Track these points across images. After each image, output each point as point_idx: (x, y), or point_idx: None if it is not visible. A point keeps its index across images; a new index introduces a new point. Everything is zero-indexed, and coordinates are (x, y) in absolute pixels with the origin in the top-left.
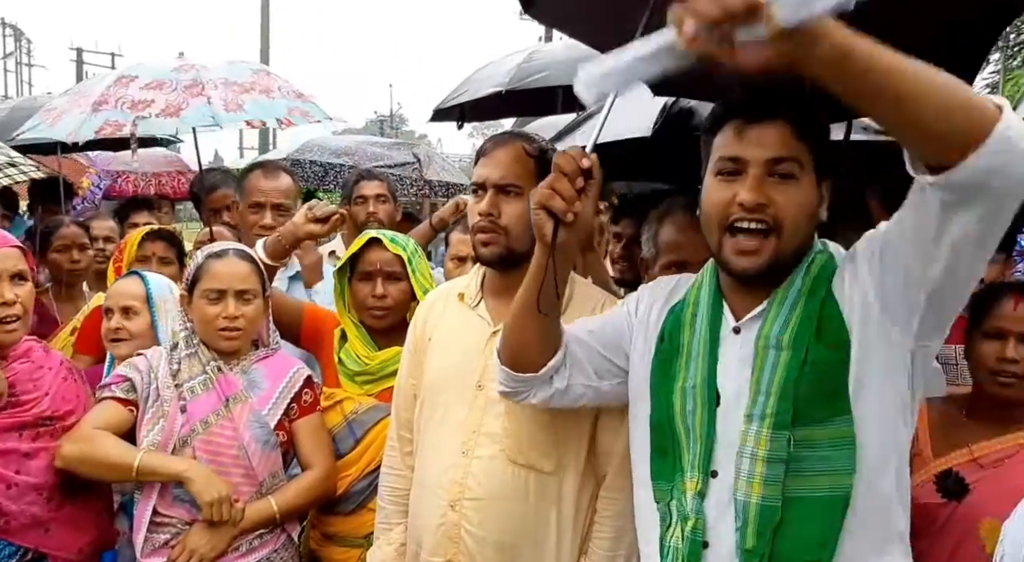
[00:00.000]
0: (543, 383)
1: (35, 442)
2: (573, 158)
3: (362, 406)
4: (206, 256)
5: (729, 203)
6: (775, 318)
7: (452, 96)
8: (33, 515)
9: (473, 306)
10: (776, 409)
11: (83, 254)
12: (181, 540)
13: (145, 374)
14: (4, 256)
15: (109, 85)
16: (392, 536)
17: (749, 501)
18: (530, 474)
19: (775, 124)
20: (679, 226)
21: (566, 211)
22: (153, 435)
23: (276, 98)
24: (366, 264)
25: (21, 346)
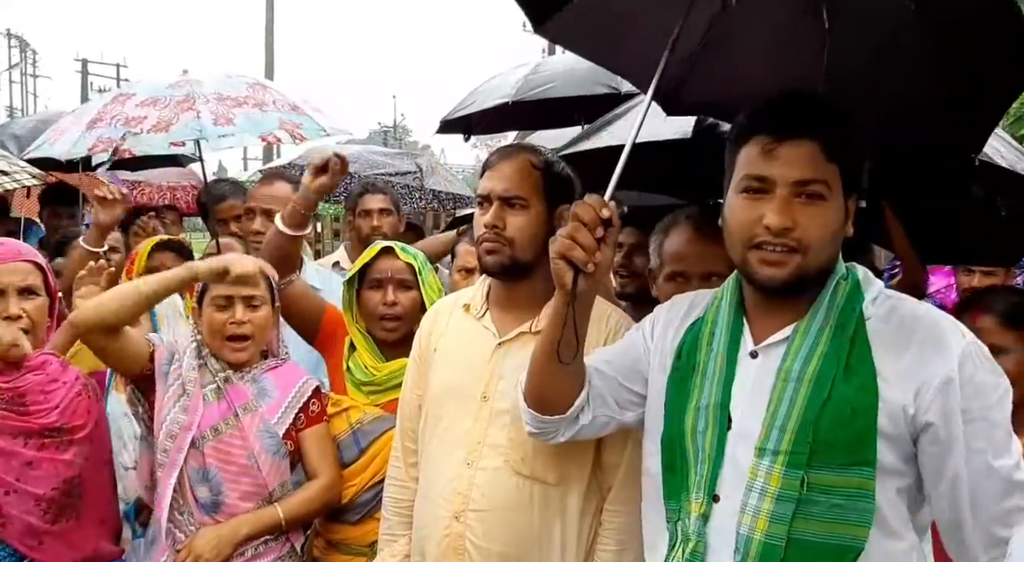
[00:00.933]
0: (570, 422)
1: (39, 452)
2: (593, 207)
3: (368, 416)
4: None
5: (755, 223)
6: (797, 350)
7: (458, 108)
8: (28, 525)
9: (478, 317)
10: (792, 447)
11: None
12: (186, 543)
13: (169, 350)
14: (11, 270)
15: (107, 103)
16: (396, 547)
17: (752, 537)
18: (534, 486)
19: (804, 143)
20: (684, 238)
21: (586, 262)
22: (171, 421)
23: (268, 112)
24: (377, 272)
25: (37, 358)
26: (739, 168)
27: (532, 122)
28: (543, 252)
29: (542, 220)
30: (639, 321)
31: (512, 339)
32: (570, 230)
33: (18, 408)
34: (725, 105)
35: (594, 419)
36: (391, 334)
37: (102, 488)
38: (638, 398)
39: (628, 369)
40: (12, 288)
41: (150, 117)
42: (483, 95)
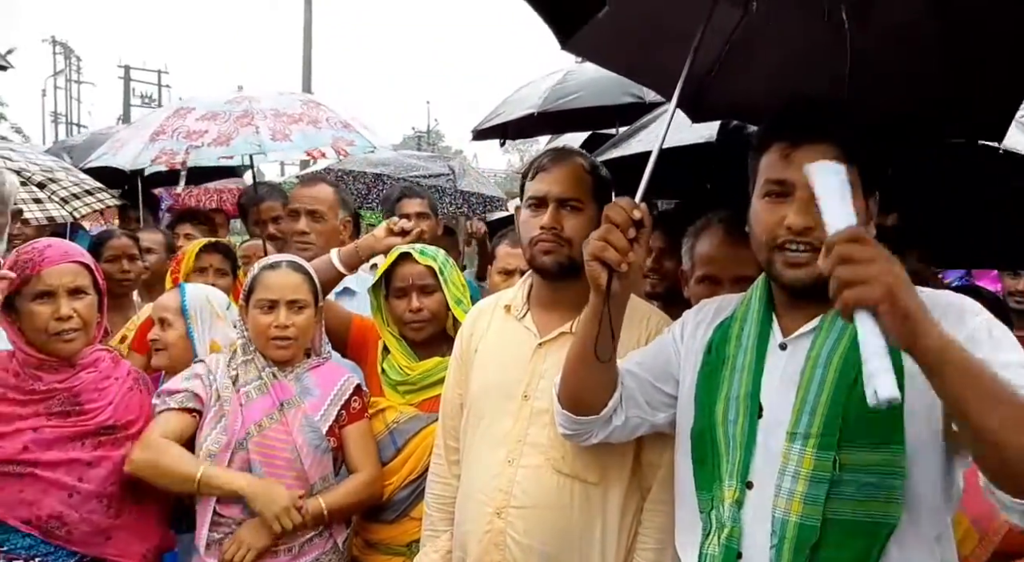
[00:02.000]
0: (604, 423)
1: (97, 451)
2: (624, 209)
3: (403, 415)
4: (261, 267)
5: (777, 225)
6: (826, 338)
7: (490, 117)
8: (95, 523)
9: (519, 317)
10: (822, 429)
11: (132, 264)
12: (234, 536)
13: (205, 377)
14: (61, 272)
15: (168, 116)
16: (439, 543)
17: (788, 519)
18: (575, 484)
19: (821, 146)
20: (715, 241)
21: (620, 262)
22: (216, 434)
23: (323, 128)
24: (399, 279)
25: (90, 356)
26: (760, 174)
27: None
28: None
29: (594, 222)
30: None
31: (553, 339)
32: (602, 232)
33: (73, 408)
34: (750, 108)
35: (627, 420)
36: (419, 333)
37: None
38: (669, 399)
39: (660, 370)
40: (63, 289)
41: (211, 131)
42: (513, 105)
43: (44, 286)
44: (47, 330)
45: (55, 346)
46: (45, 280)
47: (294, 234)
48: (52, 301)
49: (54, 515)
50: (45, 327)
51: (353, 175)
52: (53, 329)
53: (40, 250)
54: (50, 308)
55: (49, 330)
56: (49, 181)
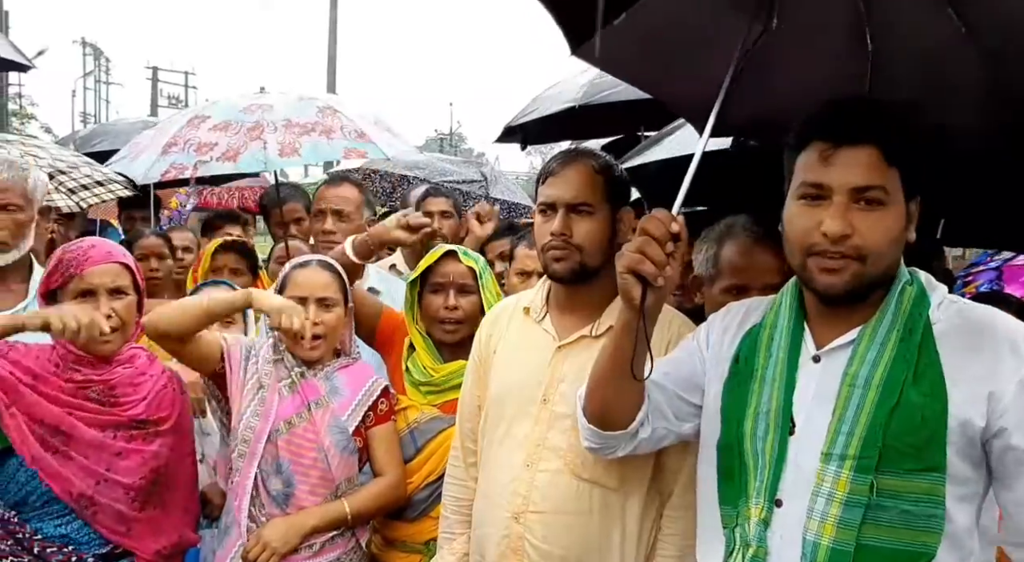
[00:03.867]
0: (630, 437)
1: (128, 443)
2: (662, 222)
3: (424, 416)
4: (292, 266)
5: (812, 230)
6: (864, 355)
7: (522, 114)
8: (118, 512)
9: (538, 320)
10: (860, 452)
11: (162, 264)
12: (256, 533)
13: (247, 348)
14: (102, 272)
15: (183, 125)
16: (455, 546)
17: (819, 542)
18: (594, 489)
19: (863, 148)
20: (743, 249)
21: (656, 276)
22: (250, 414)
23: (335, 139)
24: (439, 276)
25: (126, 353)
26: (797, 174)
27: (590, 131)
28: (608, 256)
29: (607, 224)
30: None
31: (572, 342)
32: (640, 244)
33: (108, 400)
34: (764, 126)
35: (653, 432)
36: (451, 336)
37: (185, 478)
38: (695, 409)
39: (685, 380)
40: (103, 289)
41: (220, 144)
42: (547, 101)
43: (86, 285)
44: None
45: (93, 346)
46: (87, 279)
47: (320, 233)
48: (93, 300)
49: (85, 495)
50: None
51: (380, 174)
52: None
53: (84, 250)
54: (91, 307)
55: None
56: (58, 172)
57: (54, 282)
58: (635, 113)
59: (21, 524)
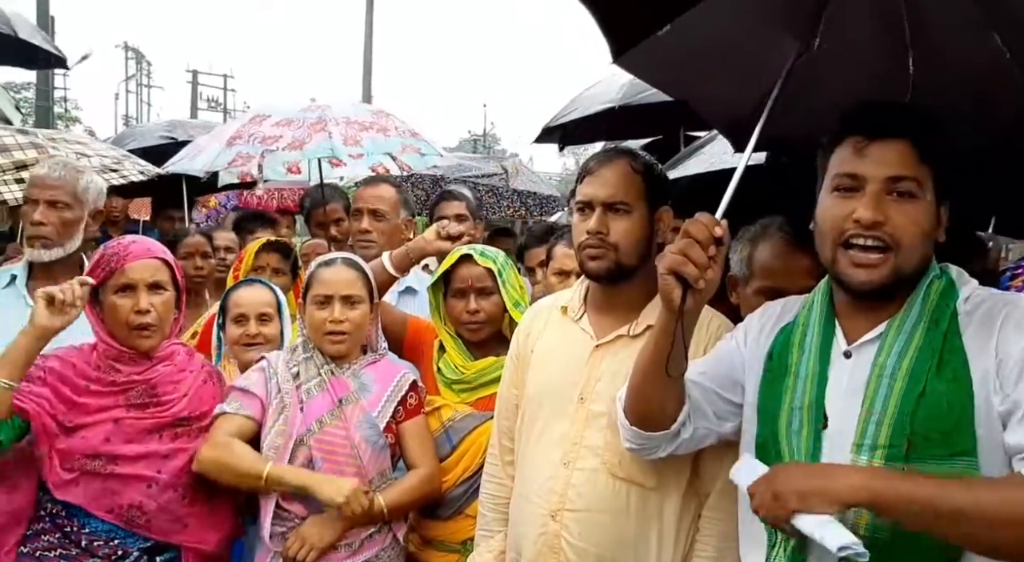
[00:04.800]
0: (672, 437)
1: (173, 443)
2: (706, 226)
3: (459, 414)
4: (317, 265)
5: (845, 219)
6: (891, 346)
7: (561, 114)
8: (172, 511)
9: (576, 319)
10: (889, 441)
11: (206, 262)
12: (295, 531)
13: (267, 371)
14: (142, 267)
15: (244, 123)
16: (492, 543)
17: (856, 533)
18: (631, 489)
19: (897, 142)
20: (777, 251)
21: (698, 278)
22: (274, 434)
23: (392, 136)
24: (458, 280)
25: (166, 349)
26: (831, 168)
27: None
28: (646, 256)
29: (644, 224)
30: None
31: (610, 342)
32: (682, 246)
33: (151, 400)
34: (798, 143)
35: (694, 432)
36: (476, 334)
37: None
38: (735, 408)
39: (724, 379)
40: (143, 284)
41: (285, 136)
42: (586, 101)
43: (126, 280)
44: (127, 323)
45: (133, 341)
46: (128, 274)
47: (357, 233)
48: (132, 295)
49: (134, 504)
50: (125, 320)
51: (412, 180)
52: (132, 322)
53: (125, 245)
54: (130, 301)
55: (129, 323)
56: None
57: (96, 277)
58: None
59: (69, 518)
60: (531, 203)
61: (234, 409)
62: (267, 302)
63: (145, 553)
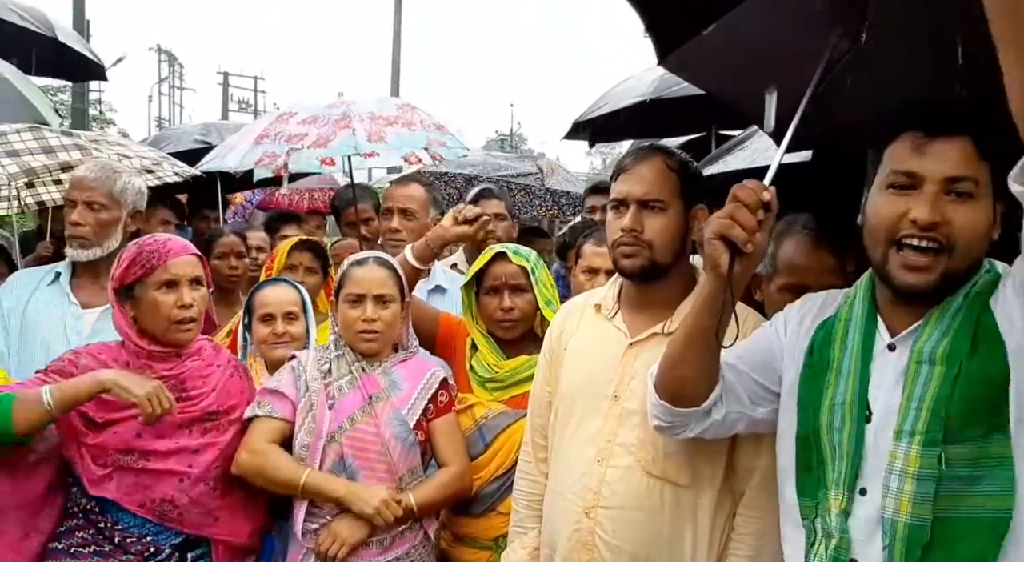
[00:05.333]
0: (702, 416)
1: (203, 437)
2: (753, 190)
3: (492, 411)
4: (349, 264)
5: (900, 218)
6: (930, 334)
7: (591, 109)
8: (203, 505)
9: (610, 317)
10: (927, 426)
11: (240, 262)
12: (327, 527)
13: (297, 370)
14: (184, 263)
15: (271, 121)
16: (526, 540)
17: (897, 519)
18: (665, 486)
19: (957, 140)
20: (803, 248)
21: (747, 242)
22: (304, 432)
23: (417, 131)
24: (492, 278)
25: (194, 345)
26: (885, 164)
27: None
28: (680, 254)
29: (679, 221)
30: None
31: (644, 340)
32: (730, 210)
33: (180, 395)
34: (842, 136)
35: (726, 415)
36: (509, 333)
37: None
38: (770, 394)
39: (761, 364)
40: (185, 279)
41: (310, 134)
42: (616, 97)
43: (170, 276)
44: (170, 318)
45: (174, 335)
46: (171, 270)
47: (387, 232)
48: (176, 290)
49: (167, 499)
50: (168, 314)
51: (445, 179)
52: (176, 317)
53: (163, 242)
54: (174, 296)
55: (172, 318)
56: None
57: (132, 275)
58: (707, 109)
59: (102, 514)
60: (564, 203)
61: (266, 412)
62: (293, 301)
63: (177, 549)
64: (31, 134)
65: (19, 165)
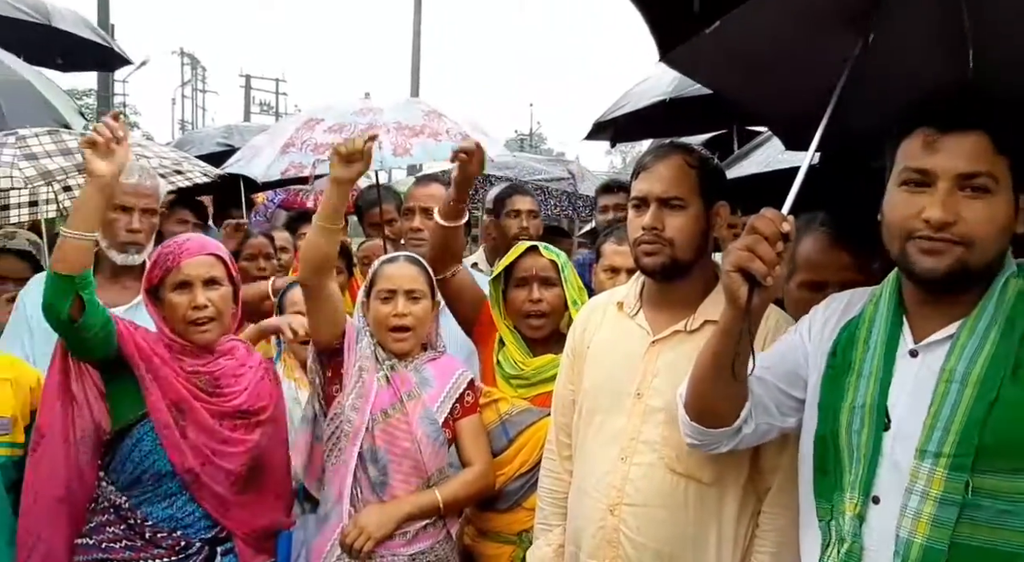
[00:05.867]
0: (733, 434)
1: (232, 432)
2: (773, 221)
3: (516, 408)
4: (381, 262)
5: (914, 217)
6: (962, 349)
7: (612, 109)
8: (218, 494)
9: (632, 315)
10: (955, 449)
11: (268, 263)
12: (354, 520)
13: (355, 330)
14: (198, 263)
15: (298, 127)
16: (551, 537)
17: (912, 540)
18: (689, 484)
19: (971, 135)
20: (820, 245)
21: (766, 275)
22: (350, 407)
23: (443, 141)
24: (522, 270)
25: (227, 344)
26: (899, 161)
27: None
28: (702, 251)
29: (700, 219)
30: None
31: (666, 337)
32: (749, 242)
33: (214, 390)
34: (853, 141)
35: (756, 428)
36: (537, 331)
37: (280, 465)
38: (799, 403)
39: (788, 374)
40: (198, 280)
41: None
42: (637, 96)
43: (182, 277)
44: (184, 318)
45: (192, 335)
46: (183, 271)
47: (409, 231)
48: (189, 291)
49: (193, 471)
50: (183, 315)
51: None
52: (189, 317)
53: (180, 244)
54: (187, 297)
55: (186, 318)
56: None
57: (155, 277)
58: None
59: (132, 509)
60: (580, 204)
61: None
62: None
63: (207, 543)
64: (49, 137)
65: (37, 168)
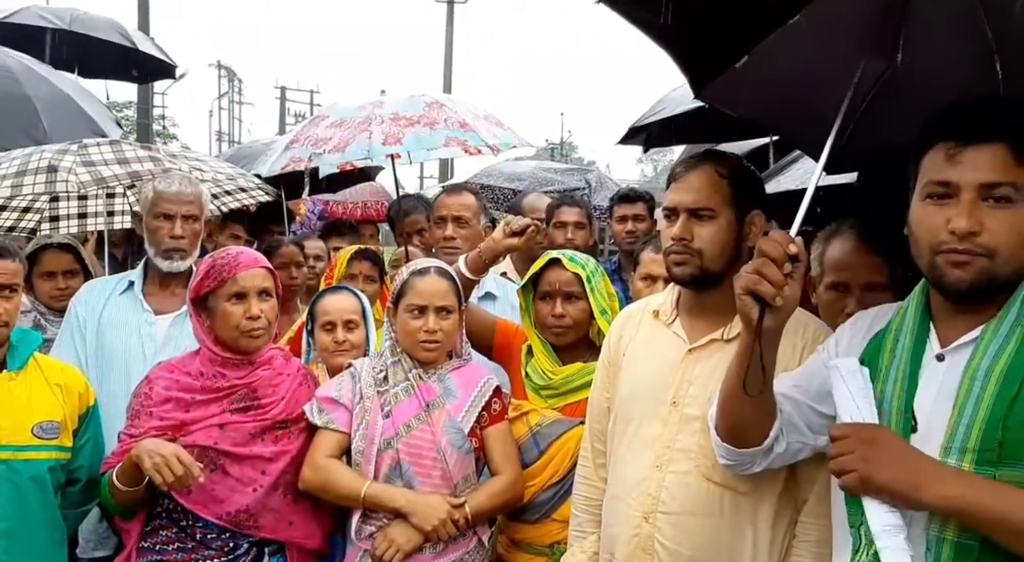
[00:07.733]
0: (765, 453)
1: (276, 445)
2: (779, 243)
3: (546, 419)
4: (410, 273)
5: (940, 229)
6: (986, 348)
7: (648, 114)
8: (278, 511)
9: (668, 323)
10: (980, 444)
11: (299, 271)
12: (383, 532)
13: (355, 379)
14: (252, 275)
15: (306, 124)
16: (586, 544)
17: (943, 538)
18: (725, 493)
19: (991, 146)
20: (846, 247)
21: (774, 296)
22: (359, 438)
23: (438, 129)
24: (545, 284)
25: (265, 354)
26: (922, 175)
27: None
28: (734, 260)
29: (731, 228)
30: None
31: (703, 346)
32: (757, 265)
33: (252, 403)
34: (888, 160)
35: (788, 447)
36: (560, 339)
37: None
38: (830, 420)
39: (817, 392)
40: (254, 290)
41: (333, 138)
42: (674, 102)
43: (239, 288)
44: (239, 328)
45: (244, 343)
46: (240, 282)
47: (441, 240)
48: (245, 301)
49: (242, 510)
50: (238, 325)
51: (491, 190)
52: (245, 327)
53: (234, 256)
54: (243, 308)
55: (241, 328)
56: (224, 192)
57: (206, 287)
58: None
59: (184, 514)
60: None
61: (324, 423)
62: (353, 309)
63: (255, 545)
64: (110, 147)
65: (92, 175)
